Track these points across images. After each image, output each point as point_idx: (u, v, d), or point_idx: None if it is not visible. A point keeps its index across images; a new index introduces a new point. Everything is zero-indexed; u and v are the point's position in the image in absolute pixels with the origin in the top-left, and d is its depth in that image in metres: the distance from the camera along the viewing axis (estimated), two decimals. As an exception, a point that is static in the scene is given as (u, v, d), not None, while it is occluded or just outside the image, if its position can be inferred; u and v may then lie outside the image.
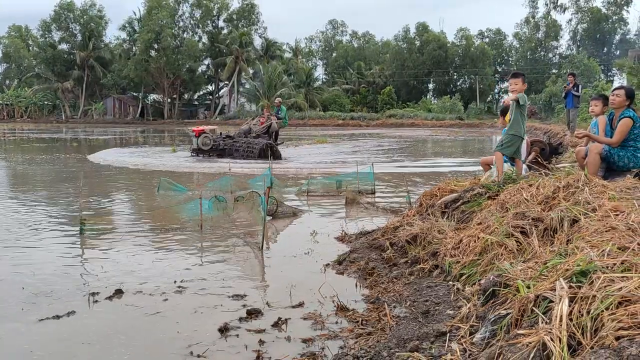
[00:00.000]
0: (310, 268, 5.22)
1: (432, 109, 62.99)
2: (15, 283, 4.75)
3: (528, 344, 2.23)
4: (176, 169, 15.17)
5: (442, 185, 6.60)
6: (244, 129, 18.61)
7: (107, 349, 3.45)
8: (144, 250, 6.01)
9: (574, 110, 16.79)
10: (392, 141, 30.49)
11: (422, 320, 3.44)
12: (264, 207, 6.18)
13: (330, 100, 67.00)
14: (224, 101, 71.47)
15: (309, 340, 3.42)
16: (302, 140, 30.48)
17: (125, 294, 4.43)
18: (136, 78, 66.31)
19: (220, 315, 3.91)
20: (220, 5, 70.32)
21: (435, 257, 4.62)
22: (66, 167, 15.48)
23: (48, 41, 72.68)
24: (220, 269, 5.34)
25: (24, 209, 8.63)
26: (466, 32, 73.69)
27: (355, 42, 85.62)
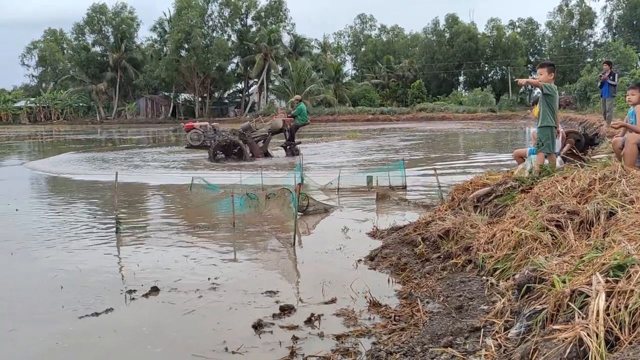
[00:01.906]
0: (342, 264, 5.23)
1: (463, 102, 62.22)
2: (54, 282, 4.88)
3: (564, 339, 2.19)
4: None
5: (474, 179, 6.53)
6: (244, 126, 18.02)
7: (144, 345, 3.53)
8: (178, 248, 6.11)
9: (611, 100, 16.36)
10: (423, 135, 30.24)
11: (455, 315, 3.42)
12: (295, 203, 6.21)
13: (360, 95, 66.81)
14: (253, 99, 71.99)
15: (342, 336, 3.43)
16: (332, 135, 30.48)
17: (161, 291, 4.52)
18: (167, 78, 67.35)
19: (254, 312, 3.95)
20: (249, 3, 70.82)
21: (468, 251, 4.57)
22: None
23: (82, 44, 74.41)
24: (252, 265, 5.40)
25: (61, 208, 8.87)
26: (497, 22, 72.54)
27: (384, 36, 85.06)
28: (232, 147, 16.93)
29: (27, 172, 15.41)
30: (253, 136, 17.57)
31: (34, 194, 11.55)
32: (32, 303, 4.39)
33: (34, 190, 12.10)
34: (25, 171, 15.64)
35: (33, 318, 4.04)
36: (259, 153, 17.37)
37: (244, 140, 17.21)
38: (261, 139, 17.68)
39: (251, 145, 17.36)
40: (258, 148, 17.48)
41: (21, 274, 5.25)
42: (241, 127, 18.10)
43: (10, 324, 3.93)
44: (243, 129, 17.62)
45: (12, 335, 3.74)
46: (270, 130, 17.81)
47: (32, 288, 4.80)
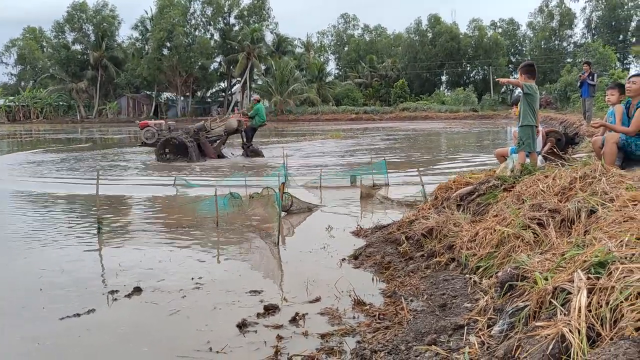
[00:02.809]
0: (327, 263, 5.23)
1: (445, 102, 62.67)
2: (34, 283, 4.81)
3: (547, 335, 2.22)
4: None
5: (457, 178, 6.58)
6: (198, 126, 17.62)
7: (127, 346, 3.50)
8: (161, 247, 6.06)
9: (590, 100, 16.59)
10: (406, 135, 30.39)
11: (439, 313, 3.44)
12: (278, 203, 6.20)
13: (343, 94, 66.91)
14: (236, 98, 71.67)
15: (326, 335, 3.43)
16: (316, 135, 30.49)
17: (144, 292, 4.48)
18: (149, 77, 66.76)
19: (238, 311, 3.93)
20: (231, 2, 70.54)
21: (451, 250, 4.61)
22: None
23: (62, 42, 73.39)
24: (236, 265, 5.38)
25: (42, 209, 8.75)
26: (479, 22, 73.19)
27: (367, 36, 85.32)
28: (179, 147, 16.37)
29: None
30: (209, 136, 17.20)
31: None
32: (12, 305, 4.32)
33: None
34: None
35: (13, 320, 3.98)
36: (212, 153, 16.99)
37: (197, 140, 16.89)
38: (216, 140, 17.34)
39: (204, 145, 16.98)
40: (211, 148, 17.07)
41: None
42: (195, 126, 17.71)
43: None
44: (197, 129, 17.24)
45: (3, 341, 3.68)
46: (225, 131, 17.47)
47: (12, 290, 4.72)
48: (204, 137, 17.08)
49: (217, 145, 17.25)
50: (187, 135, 16.91)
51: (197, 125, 17.67)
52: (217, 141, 17.27)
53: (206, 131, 17.28)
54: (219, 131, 17.42)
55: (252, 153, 17.58)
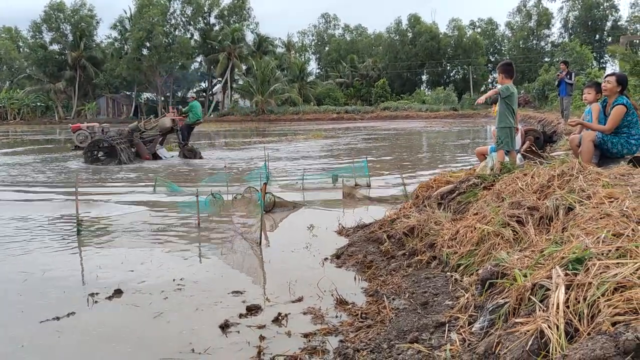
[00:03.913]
0: (309, 262, 5.24)
1: (426, 101, 63.09)
2: (13, 286, 4.75)
3: (526, 332, 2.25)
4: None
5: (437, 176, 6.64)
6: (132, 127, 17.18)
7: (108, 348, 3.46)
8: (141, 249, 6.00)
9: (568, 99, 16.83)
10: (387, 134, 30.51)
11: (421, 311, 3.47)
12: (260, 202, 6.20)
13: (324, 94, 66.98)
14: (217, 98, 71.32)
15: (309, 334, 3.44)
16: (297, 134, 30.47)
17: (125, 294, 4.44)
18: (129, 77, 66.14)
19: (221, 312, 3.92)
20: (211, 2, 70.15)
21: (432, 248, 4.64)
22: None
23: (39, 42, 72.27)
24: (218, 265, 5.36)
25: (20, 210, 8.62)
26: (458, 22, 73.84)
27: (348, 36, 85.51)
28: (108, 149, 16.00)
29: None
30: (144, 137, 16.86)
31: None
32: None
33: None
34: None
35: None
36: (146, 154, 16.65)
37: (131, 141, 16.59)
38: (153, 139, 17.04)
39: (138, 147, 16.66)
40: (145, 149, 16.72)
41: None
42: (129, 127, 17.33)
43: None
44: (130, 130, 16.90)
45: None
46: (159, 131, 17.16)
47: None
48: (138, 138, 16.71)
49: (151, 146, 16.90)
50: (120, 137, 16.54)
51: (131, 126, 17.26)
52: (151, 142, 16.96)
53: (140, 132, 16.90)
54: (154, 131, 17.11)
55: (189, 153, 17.28)
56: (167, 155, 17.38)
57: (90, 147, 16.10)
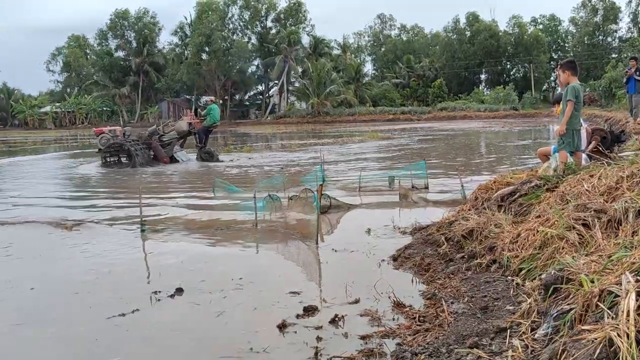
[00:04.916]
0: (365, 264, 5.22)
1: (484, 101, 61.71)
2: (81, 283, 4.97)
3: (594, 340, 2.16)
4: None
5: (497, 178, 6.47)
6: (150, 130, 17.51)
7: (169, 345, 3.57)
8: (202, 249, 6.16)
9: (637, 96, 16.02)
10: (445, 134, 30.04)
11: (480, 316, 3.39)
12: (317, 204, 6.22)
13: (380, 95, 66.66)
14: (274, 100, 72.24)
15: (366, 336, 3.42)
16: (353, 136, 30.44)
17: (186, 292, 4.56)
18: (189, 81, 68.01)
19: (278, 312, 3.96)
20: (268, 6, 71.18)
21: (492, 251, 4.53)
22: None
23: (105, 49, 75.51)
24: (276, 266, 5.43)
25: (88, 209, 9.02)
26: (519, 19, 71.76)
27: (404, 36, 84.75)
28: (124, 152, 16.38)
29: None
30: (163, 140, 17.11)
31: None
32: (62, 305, 4.47)
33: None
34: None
35: (64, 319, 4.12)
36: (164, 158, 16.86)
37: (149, 145, 16.86)
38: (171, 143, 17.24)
39: (155, 150, 16.89)
40: (163, 152, 16.95)
41: (48, 277, 5.33)
42: (148, 130, 17.65)
43: (46, 326, 4.02)
44: (149, 133, 17.19)
45: (51, 335, 3.83)
46: (177, 134, 17.37)
47: (59, 291, 4.89)
48: (156, 141, 16.98)
49: (168, 149, 17.11)
50: (139, 140, 16.86)
51: (150, 130, 17.62)
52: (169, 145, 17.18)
53: (159, 135, 17.20)
54: (172, 134, 17.34)
55: (206, 155, 17.44)
56: (184, 158, 17.66)
57: (105, 150, 16.62)
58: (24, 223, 7.96)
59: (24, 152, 28.93)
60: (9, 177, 15.59)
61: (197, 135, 17.57)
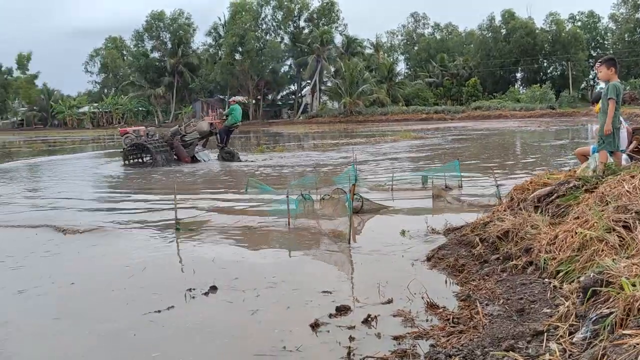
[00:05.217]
0: (398, 264, 5.19)
1: (520, 99, 60.60)
2: (117, 281, 5.08)
3: (635, 345, 2.10)
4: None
5: (534, 178, 6.34)
6: (173, 131, 17.78)
7: (204, 342, 3.62)
8: (235, 247, 6.23)
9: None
10: (479, 134, 29.64)
11: (516, 318, 3.33)
12: (349, 203, 6.22)
13: (413, 94, 66.18)
14: (306, 100, 72.43)
15: (399, 337, 3.40)
16: (386, 135, 30.29)
17: (220, 290, 4.61)
18: (222, 81, 68.74)
19: (311, 311, 3.97)
20: (301, 6, 71.36)
21: (528, 253, 4.44)
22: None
23: (141, 50, 76.94)
24: (308, 265, 5.44)
25: (122, 209, 9.21)
26: (556, 16, 70.17)
27: (438, 34, 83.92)
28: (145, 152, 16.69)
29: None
30: (186, 140, 17.29)
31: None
32: (98, 301, 4.58)
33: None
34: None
35: (100, 315, 4.21)
36: (185, 157, 17.06)
37: (171, 144, 17.03)
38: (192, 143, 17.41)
39: (177, 150, 17.09)
40: (185, 152, 17.15)
41: (85, 274, 5.46)
42: (170, 131, 17.87)
43: (85, 320, 4.13)
44: (172, 134, 17.42)
45: (91, 330, 3.93)
46: (198, 134, 17.54)
47: (96, 287, 4.99)
48: (178, 141, 17.19)
49: (190, 149, 17.29)
50: (162, 140, 17.13)
51: (172, 130, 17.87)
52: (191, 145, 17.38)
53: (181, 135, 17.40)
54: (194, 135, 17.52)
55: (227, 155, 17.57)
56: (205, 158, 17.83)
57: (127, 150, 17.01)
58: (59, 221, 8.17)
59: (62, 151, 29.70)
60: (47, 176, 16.05)
61: (218, 135, 17.83)
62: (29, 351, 3.60)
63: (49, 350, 3.63)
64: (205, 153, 18.08)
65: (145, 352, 3.50)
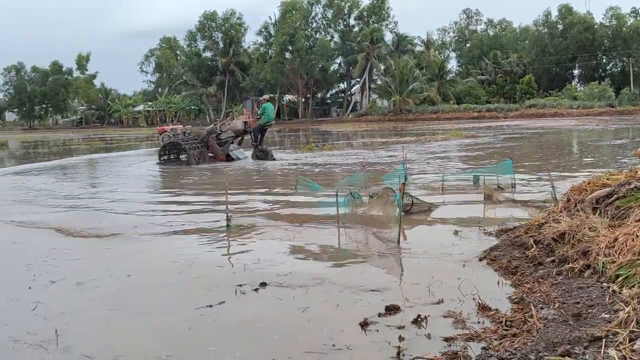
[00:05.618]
0: (449, 265, 5.12)
1: (577, 97, 58.59)
2: (170, 276, 5.21)
3: (703, 355, 2.00)
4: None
5: (592, 179, 6.13)
6: (208, 129, 18.02)
7: (256, 338, 3.68)
8: (284, 244, 6.29)
9: None
10: (533, 133, 28.85)
11: (573, 323, 3.24)
12: (399, 203, 6.17)
13: (465, 92, 65.04)
14: (355, 98, 72.27)
15: (450, 339, 3.36)
16: (436, 134, 29.88)
17: (269, 286, 4.67)
18: (272, 80, 69.36)
19: (360, 310, 3.97)
20: (351, 4, 71.22)
21: (586, 256, 4.30)
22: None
23: (194, 50, 78.57)
24: (357, 263, 5.44)
25: (174, 204, 9.44)
26: (617, 11, 67.35)
27: (491, 31, 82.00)
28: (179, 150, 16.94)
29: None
30: (221, 139, 17.46)
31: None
32: (151, 295, 4.71)
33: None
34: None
35: (157, 309, 4.34)
36: (220, 156, 17.21)
37: (206, 143, 17.21)
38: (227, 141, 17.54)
39: (212, 148, 17.28)
40: (219, 151, 17.31)
41: (136, 269, 5.60)
42: (206, 129, 18.09)
43: (141, 313, 4.28)
44: (207, 132, 17.63)
45: (148, 322, 4.07)
46: (234, 133, 17.70)
47: (148, 282, 5.13)
48: (213, 140, 17.41)
49: (225, 148, 17.46)
50: (196, 139, 17.41)
51: (208, 129, 18.14)
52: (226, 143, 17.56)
53: (217, 134, 17.62)
54: (229, 133, 17.72)
55: (261, 153, 17.65)
56: (240, 156, 18.01)
57: (163, 148, 17.46)
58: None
59: (118, 149, 30.70)
60: (101, 172, 16.65)
61: (252, 133, 18.03)
62: (88, 341, 3.74)
63: (106, 341, 3.75)
64: (240, 151, 18.41)
65: (201, 346, 3.58)
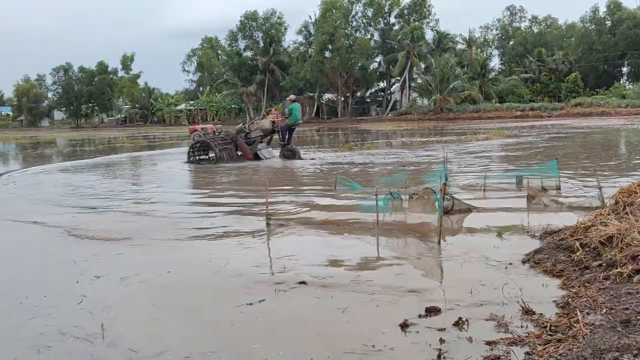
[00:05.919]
0: (491, 267, 5.03)
1: (626, 95, 56.71)
2: (210, 273, 5.28)
3: None
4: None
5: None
6: (237, 129, 18.12)
7: (297, 335, 3.70)
8: (324, 243, 6.30)
9: None
10: (580, 132, 28.05)
11: (621, 330, 3.13)
12: (439, 203, 6.10)
13: (507, 90, 63.81)
14: (395, 97, 71.80)
15: (492, 342, 3.30)
16: (478, 133, 29.39)
17: (309, 286, 4.68)
18: (312, 79, 69.56)
19: (400, 311, 3.94)
20: (392, 2, 70.76)
21: (635, 261, 4.16)
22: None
23: (234, 49, 79.57)
24: (396, 264, 5.40)
25: (213, 203, 9.57)
26: (670, 5, 64.88)
27: (535, 28, 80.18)
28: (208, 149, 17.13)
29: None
30: (250, 138, 17.56)
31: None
32: (190, 292, 4.79)
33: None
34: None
35: (199, 306, 4.41)
36: (248, 154, 17.30)
37: (235, 142, 17.34)
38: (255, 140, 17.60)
39: (241, 147, 17.41)
40: (248, 149, 17.40)
41: (175, 266, 5.65)
42: (235, 129, 18.24)
43: (183, 309, 4.35)
44: (236, 131, 17.80)
45: (190, 319, 4.12)
46: (262, 132, 17.76)
47: (187, 279, 5.19)
48: (242, 138, 17.55)
49: (253, 147, 17.54)
50: (226, 138, 17.59)
51: (237, 128, 18.31)
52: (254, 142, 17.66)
53: (245, 133, 17.75)
54: (257, 132, 17.83)
55: (289, 152, 17.67)
56: (268, 155, 18.05)
57: (191, 147, 17.67)
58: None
59: (161, 147, 31.31)
60: (141, 171, 17.02)
61: (279, 133, 18.15)
62: (133, 335, 3.83)
63: (150, 336, 3.84)
64: (268, 150, 18.52)
65: (245, 343, 3.61)
